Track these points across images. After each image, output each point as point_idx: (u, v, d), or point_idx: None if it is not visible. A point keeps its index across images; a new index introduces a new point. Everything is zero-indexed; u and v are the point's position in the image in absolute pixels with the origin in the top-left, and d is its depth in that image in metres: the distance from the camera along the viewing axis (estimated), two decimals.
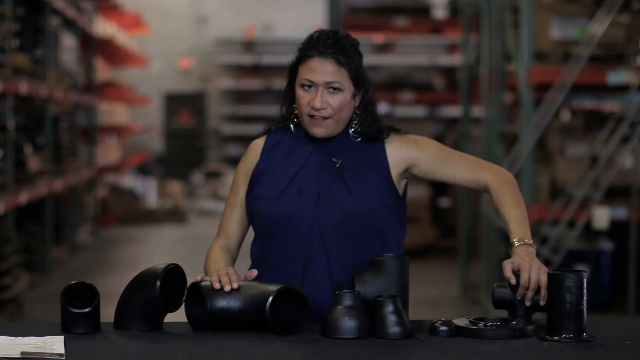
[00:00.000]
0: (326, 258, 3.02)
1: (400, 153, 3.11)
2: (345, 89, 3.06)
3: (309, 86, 3.06)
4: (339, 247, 3.02)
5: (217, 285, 2.83)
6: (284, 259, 3.05)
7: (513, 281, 2.83)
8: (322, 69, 3.05)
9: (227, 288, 2.82)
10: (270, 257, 3.07)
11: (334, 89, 3.05)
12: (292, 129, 3.15)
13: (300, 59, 3.09)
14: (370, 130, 3.11)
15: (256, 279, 2.93)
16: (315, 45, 3.07)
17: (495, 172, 3.09)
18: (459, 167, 3.10)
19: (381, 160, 3.10)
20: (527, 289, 2.81)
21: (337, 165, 3.08)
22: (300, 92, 3.08)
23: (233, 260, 3.14)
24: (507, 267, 2.84)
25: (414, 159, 3.11)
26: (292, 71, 3.13)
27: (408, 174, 3.13)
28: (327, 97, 3.05)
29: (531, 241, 2.94)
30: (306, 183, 3.07)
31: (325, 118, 3.06)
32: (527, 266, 2.82)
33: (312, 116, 3.06)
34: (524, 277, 2.81)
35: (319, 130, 3.08)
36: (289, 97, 3.16)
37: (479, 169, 3.10)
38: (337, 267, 3.02)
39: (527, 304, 2.82)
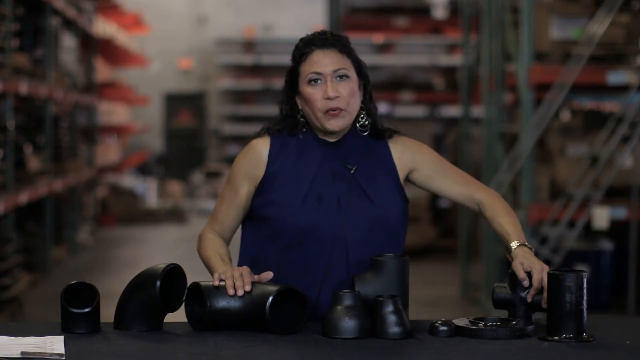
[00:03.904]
0: (347, 265, 3.00)
1: (404, 156, 3.10)
2: (352, 77, 3.02)
3: (316, 80, 3.00)
4: (360, 255, 3.00)
5: (231, 292, 2.81)
6: (305, 267, 3.01)
7: (527, 283, 2.83)
8: (326, 59, 3.00)
9: (240, 293, 2.81)
10: (291, 265, 3.01)
11: (341, 76, 3.00)
12: (300, 136, 3.07)
13: (299, 59, 3.03)
14: (375, 122, 3.09)
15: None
16: (313, 41, 3.03)
17: (489, 192, 3.12)
18: (456, 180, 3.10)
19: (389, 163, 3.09)
20: (535, 289, 2.82)
21: (352, 172, 3.05)
22: (308, 89, 3.00)
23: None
24: (520, 268, 2.85)
25: (417, 164, 3.10)
26: (291, 76, 3.05)
27: (407, 177, 3.13)
28: (336, 85, 2.99)
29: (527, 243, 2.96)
30: (325, 190, 3.02)
31: (340, 110, 2.98)
32: (539, 268, 2.84)
33: (328, 110, 2.99)
34: (537, 279, 2.81)
35: (337, 123, 3.00)
36: (288, 104, 3.07)
37: (473, 186, 3.11)
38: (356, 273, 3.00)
39: (529, 299, 2.82)
